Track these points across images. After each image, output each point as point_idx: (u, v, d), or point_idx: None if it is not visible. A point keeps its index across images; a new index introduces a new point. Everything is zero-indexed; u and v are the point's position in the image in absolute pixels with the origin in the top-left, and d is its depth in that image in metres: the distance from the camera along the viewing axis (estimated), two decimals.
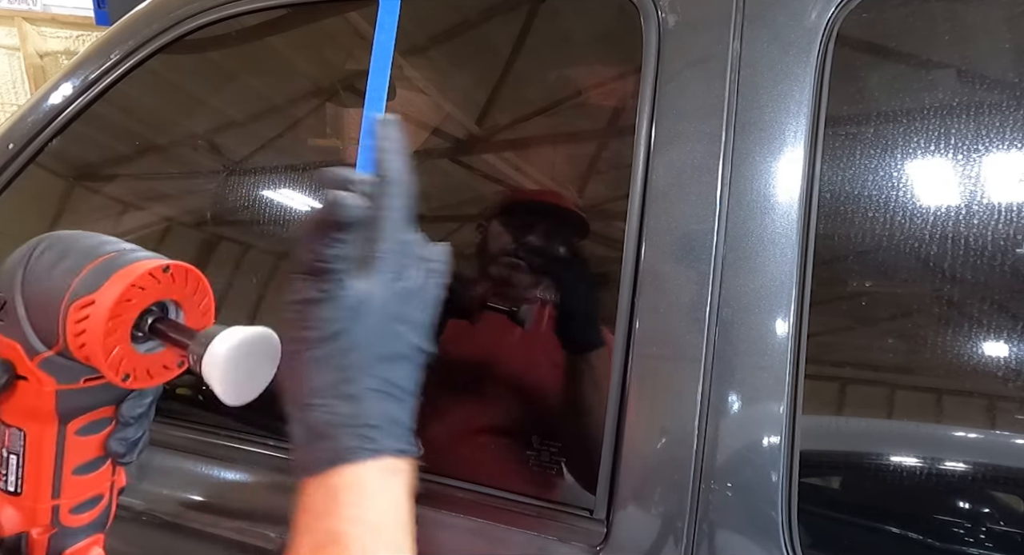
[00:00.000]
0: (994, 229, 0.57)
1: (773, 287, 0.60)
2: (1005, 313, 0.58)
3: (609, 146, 0.79)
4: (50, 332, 0.40)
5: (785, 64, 0.63)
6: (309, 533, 0.37)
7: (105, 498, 0.47)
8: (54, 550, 0.45)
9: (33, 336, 0.41)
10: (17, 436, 0.43)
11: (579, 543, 0.64)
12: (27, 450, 0.43)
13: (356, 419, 0.38)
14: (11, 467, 0.44)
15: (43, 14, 3.90)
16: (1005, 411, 0.59)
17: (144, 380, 0.42)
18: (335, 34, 0.93)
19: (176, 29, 0.91)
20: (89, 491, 0.46)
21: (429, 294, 0.43)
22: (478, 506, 0.69)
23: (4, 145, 0.94)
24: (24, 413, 0.43)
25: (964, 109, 0.59)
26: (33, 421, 0.43)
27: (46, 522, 0.45)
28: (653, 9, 0.68)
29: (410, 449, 0.40)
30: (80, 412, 0.44)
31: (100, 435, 0.45)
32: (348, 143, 0.92)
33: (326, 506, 0.37)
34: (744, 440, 0.60)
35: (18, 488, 0.44)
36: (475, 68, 0.88)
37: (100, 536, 0.47)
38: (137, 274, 0.40)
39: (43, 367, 0.41)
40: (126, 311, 0.40)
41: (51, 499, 0.45)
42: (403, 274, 0.41)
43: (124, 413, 0.45)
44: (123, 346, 0.40)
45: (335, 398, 0.38)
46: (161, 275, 0.41)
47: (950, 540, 0.58)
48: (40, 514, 0.44)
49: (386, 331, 0.39)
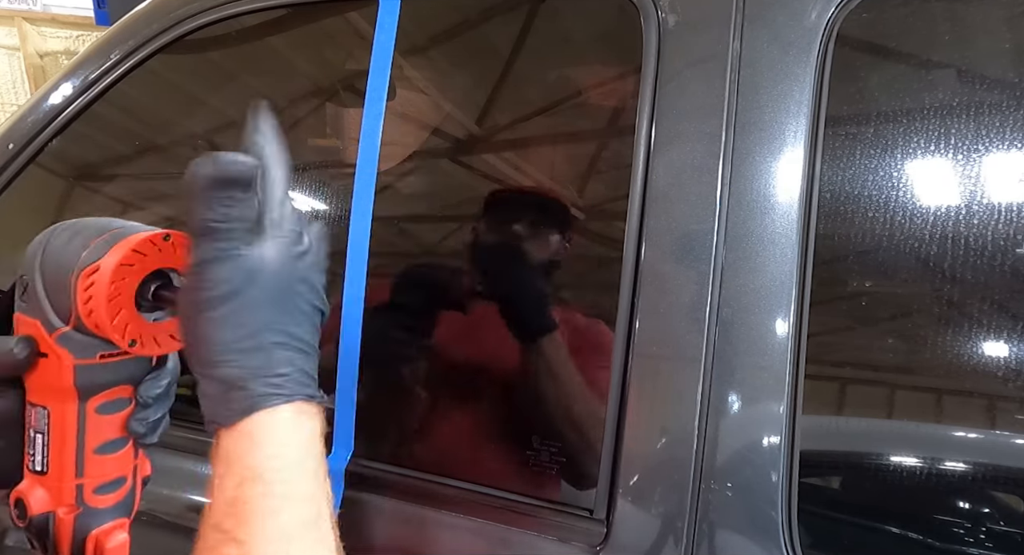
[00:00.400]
0: (994, 229, 0.57)
1: (773, 287, 0.60)
2: (1005, 313, 0.58)
3: (609, 146, 0.79)
4: (65, 306, 0.42)
5: (785, 64, 0.63)
6: (231, 474, 0.39)
7: (129, 481, 0.49)
8: (80, 530, 0.46)
9: (51, 312, 0.43)
10: (42, 415, 0.45)
11: (579, 543, 0.64)
12: (51, 428, 0.45)
13: (266, 369, 0.39)
14: (37, 446, 0.45)
15: (43, 14, 3.89)
16: (1005, 411, 0.59)
17: (152, 347, 0.44)
18: (335, 34, 0.93)
19: (176, 29, 0.90)
20: (113, 472, 0.47)
21: (321, 258, 0.44)
22: (478, 506, 0.69)
23: (4, 145, 0.94)
24: (47, 390, 0.44)
25: (964, 109, 0.59)
26: (55, 398, 0.45)
27: (71, 501, 0.46)
28: (653, 9, 0.68)
29: (318, 396, 0.42)
30: (99, 389, 0.45)
31: (121, 415, 0.47)
32: (348, 143, 0.92)
33: (245, 448, 0.39)
34: (744, 440, 0.60)
35: (44, 467, 0.45)
36: (475, 68, 0.88)
37: (126, 520, 0.48)
38: (138, 240, 0.42)
39: (60, 342, 0.43)
40: (128, 276, 0.42)
41: (75, 478, 0.46)
42: (298, 238, 0.42)
43: (143, 393, 0.47)
44: (128, 311, 0.42)
45: (242, 353, 0.39)
46: (162, 243, 0.43)
47: (950, 540, 0.58)
48: (65, 493, 0.46)
49: (286, 290, 0.41)
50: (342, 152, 0.92)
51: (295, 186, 0.91)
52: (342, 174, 0.89)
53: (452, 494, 0.71)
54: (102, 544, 0.47)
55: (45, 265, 0.43)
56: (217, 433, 0.40)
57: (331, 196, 0.88)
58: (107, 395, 0.46)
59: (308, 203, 0.90)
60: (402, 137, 0.84)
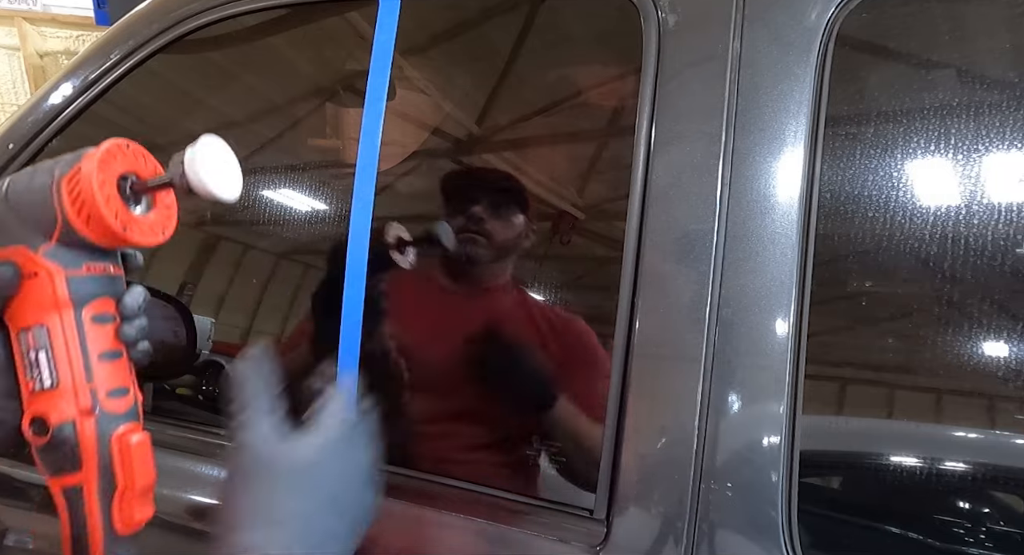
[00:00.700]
0: (994, 229, 0.57)
1: (773, 287, 0.60)
2: (1005, 313, 0.58)
3: (609, 146, 0.79)
4: (48, 220, 0.45)
5: (785, 64, 0.63)
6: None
7: (131, 392, 0.50)
8: (102, 434, 0.48)
9: (31, 232, 0.46)
10: (40, 332, 0.47)
11: (579, 543, 0.64)
12: (53, 342, 0.47)
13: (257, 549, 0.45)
14: (42, 363, 0.47)
15: (43, 14, 3.89)
16: (1005, 411, 0.59)
17: (140, 234, 0.48)
18: (335, 34, 0.93)
19: (176, 29, 0.90)
20: (117, 380, 0.49)
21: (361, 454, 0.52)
22: (478, 506, 0.69)
23: (4, 145, 0.94)
24: (42, 308, 0.47)
25: (964, 109, 0.59)
26: (52, 313, 0.47)
27: (88, 405, 0.47)
28: (653, 9, 0.68)
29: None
30: (90, 298, 0.48)
31: (111, 326, 0.49)
32: (348, 143, 0.92)
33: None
34: (744, 440, 0.60)
35: (54, 380, 0.47)
36: (475, 68, 0.88)
37: (138, 424, 0.50)
38: (107, 145, 0.46)
39: (48, 257, 0.46)
40: (108, 170, 0.45)
41: (87, 383, 0.48)
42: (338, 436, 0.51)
43: (125, 304, 0.50)
44: (115, 199, 0.46)
45: (245, 529, 0.46)
46: (125, 150, 0.47)
47: (950, 540, 0.58)
48: (81, 397, 0.47)
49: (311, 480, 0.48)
50: (342, 152, 0.92)
51: (296, 187, 0.91)
52: (342, 174, 0.89)
53: (452, 494, 0.71)
54: (126, 442, 0.48)
55: (12, 196, 0.46)
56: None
57: (331, 196, 0.88)
58: (97, 306, 0.48)
59: (308, 203, 0.91)
60: (402, 137, 0.84)
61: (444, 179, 0.84)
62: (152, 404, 0.92)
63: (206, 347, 0.90)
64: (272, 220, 0.90)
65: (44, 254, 0.46)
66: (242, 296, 0.94)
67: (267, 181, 0.90)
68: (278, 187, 0.90)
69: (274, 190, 0.90)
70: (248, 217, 0.92)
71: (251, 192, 0.91)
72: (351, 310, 0.70)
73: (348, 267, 0.69)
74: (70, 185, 0.45)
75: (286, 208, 0.90)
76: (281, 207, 0.90)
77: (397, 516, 0.71)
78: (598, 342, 0.72)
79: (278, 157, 0.92)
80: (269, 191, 0.91)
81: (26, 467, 0.85)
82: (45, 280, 0.46)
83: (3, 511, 0.87)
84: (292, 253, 0.91)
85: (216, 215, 0.95)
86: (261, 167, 0.91)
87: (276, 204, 0.90)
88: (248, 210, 0.92)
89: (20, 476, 0.85)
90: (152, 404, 0.92)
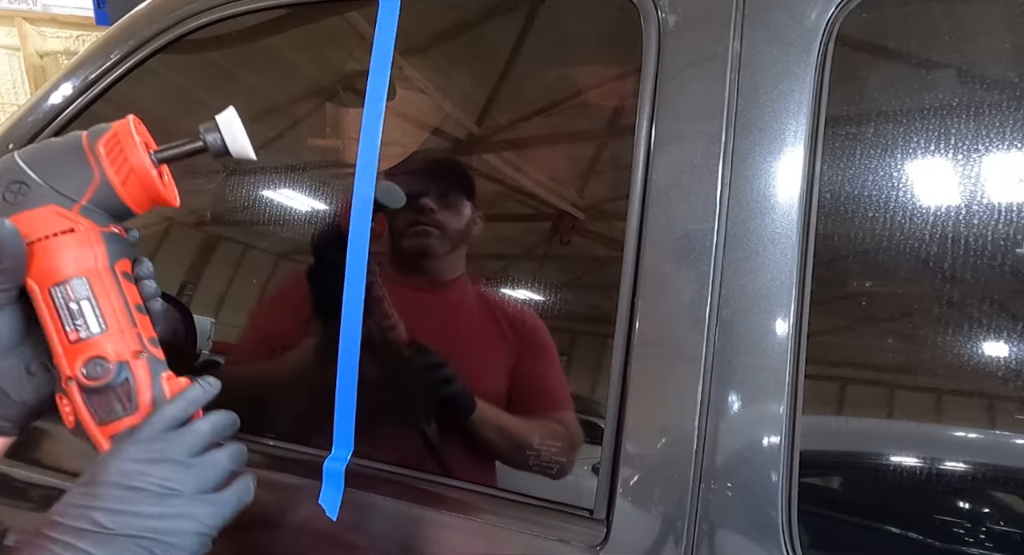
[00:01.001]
0: (994, 229, 0.57)
1: (773, 287, 0.60)
2: (1005, 313, 0.58)
3: (609, 146, 0.79)
4: (81, 180, 0.50)
5: (785, 64, 0.63)
6: None
7: (158, 344, 0.53)
8: (154, 374, 0.50)
9: (66, 191, 0.49)
10: (79, 284, 0.49)
11: (579, 543, 0.64)
12: (95, 291, 0.49)
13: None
14: (87, 311, 0.49)
15: (43, 14, 3.89)
16: (1005, 411, 0.59)
17: (172, 196, 0.55)
18: (335, 34, 0.93)
19: (176, 29, 0.90)
20: (150, 330, 0.53)
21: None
22: (478, 506, 0.69)
23: (4, 145, 0.94)
24: (80, 261, 0.49)
25: (964, 109, 0.59)
26: (90, 265, 0.49)
27: (138, 347, 0.50)
28: (653, 9, 0.68)
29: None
30: (118, 256, 0.51)
31: (134, 285, 0.53)
32: (348, 143, 0.92)
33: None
34: (744, 440, 0.60)
35: (102, 326, 0.49)
36: (475, 68, 0.88)
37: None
38: (130, 117, 0.52)
39: (84, 213, 0.50)
40: (142, 135, 0.52)
41: (133, 327, 0.50)
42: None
43: (143, 265, 0.54)
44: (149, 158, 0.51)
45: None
46: (140, 124, 0.53)
47: (950, 540, 0.58)
48: (131, 339, 0.50)
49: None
50: (342, 152, 0.92)
51: (296, 187, 0.91)
52: (342, 174, 0.89)
53: (451, 494, 0.71)
54: (176, 384, 0.51)
55: (34, 162, 0.50)
56: None
57: (331, 196, 0.88)
58: (123, 265, 0.52)
59: (308, 203, 0.91)
60: (402, 137, 0.84)
61: (386, 173, 0.82)
62: None
63: (206, 347, 0.90)
64: (272, 220, 0.90)
65: (80, 210, 0.49)
66: (242, 296, 0.94)
67: (267, 181, 0.90)
68: (278, 187, 0.90)
69: (274, 190, 0.90)
70: (248, 217, 0.92)
71: (251, 192, 0.91)
72: (351, 310, 0.70)
73: (348, 267, 0.69)
74: (109, 146, 0.50)
75: (286, 208, 0.90)
76: (281, 207, 0.90)
77: (396, 516, 0.71)
78: (548, 333, 0.75)
79: (278, 157, 0.92)
80: (269, 191, 0.91)
81: (26, 467, 0.85)
82: (83, 234, 0.49)
83: (3, 511, 0.87)
84: (292, 253, 0.91)
85: (216, 215, 0.95)
86: (261, 167, 0.91)
87: (276, 204, 0.90)
88: (248, 210, 0.92)
89: (20, 476, 0.85)
90: None
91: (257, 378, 0.86)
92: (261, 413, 0.81)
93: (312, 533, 0.72)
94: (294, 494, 0.74)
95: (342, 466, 0.70)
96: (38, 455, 0.85)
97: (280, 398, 0.85)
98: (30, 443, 0.85)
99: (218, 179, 0.93)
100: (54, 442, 0.85)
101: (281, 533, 0.73)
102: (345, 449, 0.70)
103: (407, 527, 0.70)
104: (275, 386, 0.85)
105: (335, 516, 0.68)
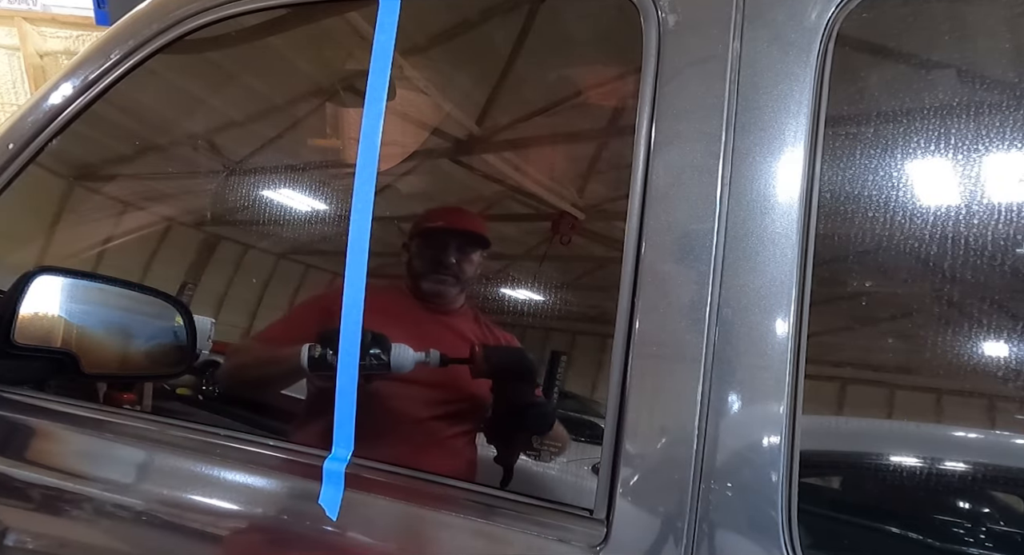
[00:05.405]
0: (994, 229, 0.57)
1: (773, 287, 0.60)
2: (1005, 313, 0.58)
3: (609, 146, 0.79)
4: None
5: (785, 64, 0.63)
6: None
7: None
8: None
9: None
10: None
11: (579, 543, 0.64)
12: None
13: None
14: None
15: (43, 14, 3.89)
16: (1005, 411, 0.59)
17: None
18: (335, 34, 0.93)
19: (176, 29, 0.90)
20: None
21: None
22: (478, 506, 0.69)
23: (4, 145, 0.94)
24: None
25: (964, 109, 0.59)
26: None
27: None
28: (653, 9, 0.68)
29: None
30: None
31: None
32: (348, 143, 0.92)
33: None
34: (744, 440, 0.60)
35: None
36: (475, 68, 0.88)
37: None
38: None
39: None
40: None
41: None
42: None
43: None
44: None
45: None
46: None
47: (950, 540, 0.58)
48: None
49: None
50: (342, 152, 0.92)
51: (296, 187, 0.91)
52: (342, 174, 0.89)
53: (451, 494, 0.71)
54: None
55: None
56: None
57: (331, 196, 0.88)
58: None
59: (308, 203, 0.91)
60: (402, 137, 0.84)
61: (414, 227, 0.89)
62: (152, 404, 0.92)
63: (206, 347, 0.90)
64: (272, 220, 0.90)
65: None
66: (242, 296, 0.94)
67: (267, 181, 0.90)
68: (278, 187, 0.90)
69: (274, 190, 0.90)
70: (248, 217, 0.92)
71: (251, 192, 0.91)
72: (351, 310, 0.70)
73: (348, 267, 0.69)
74: None
75: (286, 208, 0.90)
76: (281, 207, 0.90)
77: (396, 516, 0.71)
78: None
79: (278, 157, 0.92)
80: (269, 191, 0.91)
81: (26, 467, 0.85)
82: None
83: (3, 511, 0.87)
84: (292, 253, 0.91)
85: (215, 215, 0.95)
86: (261, 167, 0.91)
87: (276, 204, 0.90)
88: (248, 210, 0.92)
89: (20, 476, 0.85)
90: (152, 404, 0.92)
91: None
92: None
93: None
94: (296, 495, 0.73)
95: (342, 466, 0.70)
96: (38, 455, 0.85)
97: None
98: (30, 443, 0.85)
99: (218, 179, 0.93)
100: (54, 442, 0.85)
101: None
102: (345, 449, 0.70)
103: (406, 527, 0.70)
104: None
105: (335, 516, 0.69)
